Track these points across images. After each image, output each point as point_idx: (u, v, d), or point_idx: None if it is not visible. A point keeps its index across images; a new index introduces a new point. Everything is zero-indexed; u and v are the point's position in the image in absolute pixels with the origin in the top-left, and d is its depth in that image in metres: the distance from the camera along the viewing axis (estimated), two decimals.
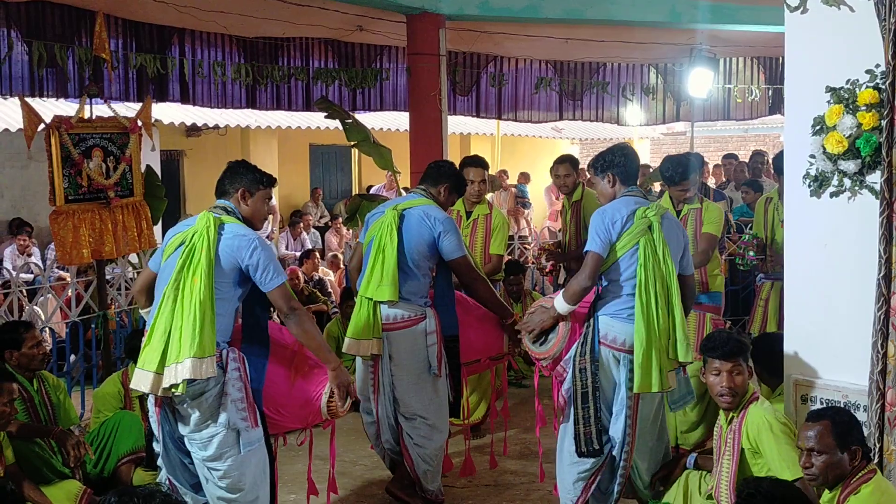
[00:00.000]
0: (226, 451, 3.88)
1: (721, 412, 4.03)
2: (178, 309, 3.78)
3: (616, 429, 4.28)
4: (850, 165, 3.77)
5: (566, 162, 6.97)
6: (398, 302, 4.80)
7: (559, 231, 7.21)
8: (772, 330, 5.96)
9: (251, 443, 3.92)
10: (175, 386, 3.74)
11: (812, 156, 3.90)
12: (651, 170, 10.77)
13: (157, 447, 4.06)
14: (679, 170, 5.59)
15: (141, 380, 3.82)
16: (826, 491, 3.39)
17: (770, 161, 8.45)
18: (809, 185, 3.93)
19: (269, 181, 4.17)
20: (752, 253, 5.94)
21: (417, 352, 4.86)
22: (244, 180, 4.08)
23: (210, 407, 3.84)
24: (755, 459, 3.84)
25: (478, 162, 6.31)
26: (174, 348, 3.75)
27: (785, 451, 3.71)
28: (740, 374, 3.91)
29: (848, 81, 3.78)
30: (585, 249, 4.28)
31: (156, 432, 4.02)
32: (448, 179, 5.13)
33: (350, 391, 4.16)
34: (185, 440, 3.95)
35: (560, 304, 4.34)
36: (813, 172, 3.91)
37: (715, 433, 4.12)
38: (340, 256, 11.44)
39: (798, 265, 4.08)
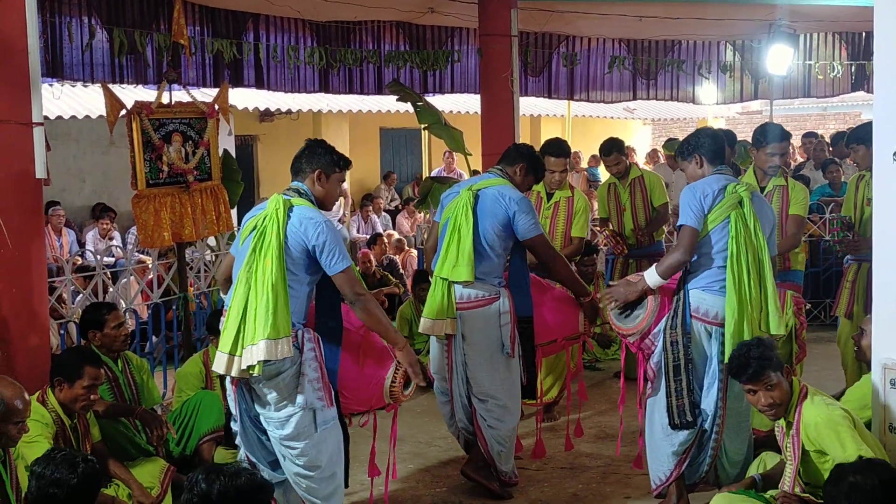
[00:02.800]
0: (303, 430, 3.93)
1: None
2: (251, 291, 3.83)
3: (708, 402, 4.35)
4: None
5: (613, 151, 7.01)
6: (473, 282, 4.80)
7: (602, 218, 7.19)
8: (859, 312, 5.80)
9: (326, 421, 3.98)
10: (251, 367, 3.79)
11: None
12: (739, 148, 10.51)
13: (235, 426, 4.12)
14: (766, 132, 5.58)
15: (219, 361, 3.89)
16: None
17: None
18: None
19: (345, 164, 4.19)
20: (846, 234, 5.84)
21: (490, 332, 4.85)
22: (321, 161, 4.10)
23: (287, 387, 3.89)
24: (822, 458, 3.77)
25: (558, 152, 6.06)
26: (249, 330, 3.80)
27: (848, 441, 3.63)
28: (775, 388, 3.85)
29: None
30: (679, 224, 4.31)
31: (233, 410, 4.09)
32: (525, 160, 5.08)
33: (416, 372, 4.17)
34: (262, 419, 4.01)
35: (652, 277, 4.35)
36: None
37: (777, 433, 4.06)
38: (405, 240, 11.49)
39: (887, 245, 3.95)
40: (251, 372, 3.81)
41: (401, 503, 4.78)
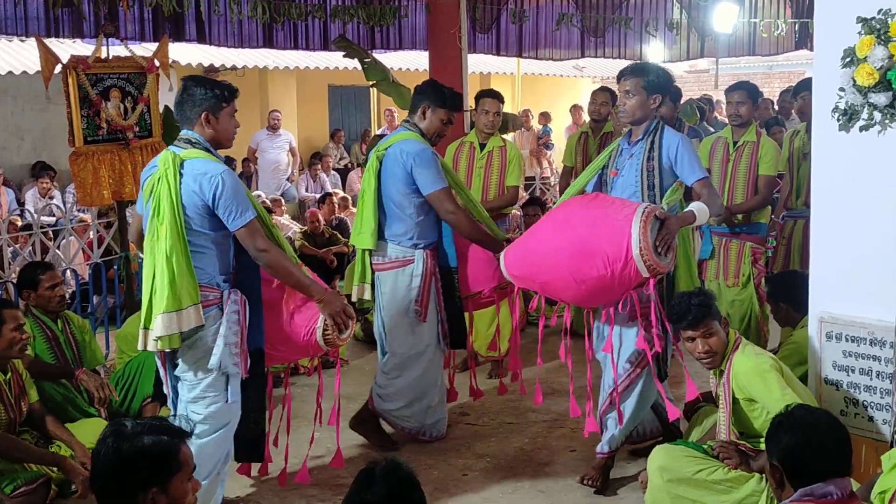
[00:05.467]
0: (211, 394, 3.78)
1: None
2: (155, 262, 3.63)
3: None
4: (881, 98, 3.68)
5: (607, 91, 7.04)
6: (386, 244, 4.78)
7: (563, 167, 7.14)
8: (795, 264, 5.97)
9: (234, 394, 3.81)
10: (160, 340, 3.62)
11: (841, 89, 3.81)
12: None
13: (166, 389, 3.98)
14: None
15: (139, 339, 3.75)
16: None
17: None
18: (838, 119, 3.84)
19: (231, 94, 3.84)
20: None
21: (401, 293, 4.82)
22: (205, 102, 3.76)
23: (205, 347, 3.73)
24: (751, 406, 3.87)
25: (493, 94, 6.34)
26: (156, 302, 3.62)
27: (775, 387, 3.72)
28: (713, 335, 3.92)
29: (880, 11, 3.67)
30: (703, 177, 4.28)
31: (162, 376, 3.94)
32: (424, 96, 4.87)
33: (342, 321, 3.99)
34: (178, 381, 3.85)
35: (704, 215, 4.21)
36: (842, 106, 3.82)
37: (711, 384, 4.15)
38: (349, 199, 11.43)
39: (825, 201, 4.01)
40: (159, 347, 3.66)
41: (348, 460, 4.77)
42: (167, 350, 3.75)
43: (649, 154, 4.29)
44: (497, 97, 6.29)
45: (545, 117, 17.28)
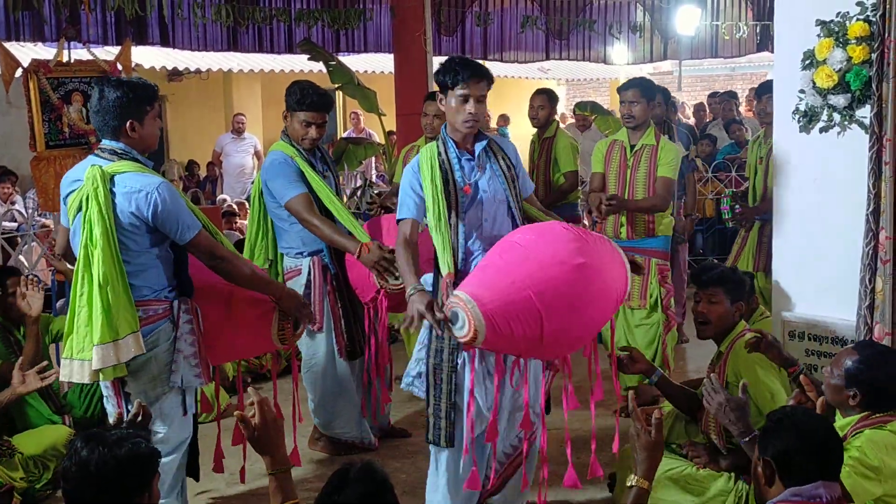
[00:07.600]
0: (169, 412, 3.55)
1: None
2: (88, 288, 3.36)
3: None
4: (840, 100, 3.75)
5: (543, 94, 6.85)
6: (283, 257, 4.78)
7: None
8: (748, 266, 5.80)
9: (192, 405, 3.64)
10: (101, 371, 3.34)
11: (802, 91, 3.88)
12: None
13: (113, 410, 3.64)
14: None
15: (65, 369, 3.46)
16: (839, 416, 3.37)
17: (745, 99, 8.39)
18: (799, 121, 3.91)
19: (154, 94, 3.53)
20: (737, 207, 5.83)
21: None
22: (128, 109, 3.43)
23: (159, 365, 3.50)
24: (741, 393, 3.87)
25: (433, 96, 6.25)
26: (95, 331, 3.33)
27: (772, 379, 3.74)
28: (716, 304, 3.89)
29: (838, 14, 3.74)
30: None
31: (112, 403, 3.61)
32: (285, 103, 4.79)
33: (305, 315, 3.92)
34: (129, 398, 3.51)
35: None
36: (802, 108, 3.89)
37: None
38: None
39: (787, 201, 4.07)
40: (103, 378, 3.38)
41: (316, 463, 4.76)
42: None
43: (507, 163, 3.85)
44: (436, 99, 6.20)
45: (504, 119, 17.34)
